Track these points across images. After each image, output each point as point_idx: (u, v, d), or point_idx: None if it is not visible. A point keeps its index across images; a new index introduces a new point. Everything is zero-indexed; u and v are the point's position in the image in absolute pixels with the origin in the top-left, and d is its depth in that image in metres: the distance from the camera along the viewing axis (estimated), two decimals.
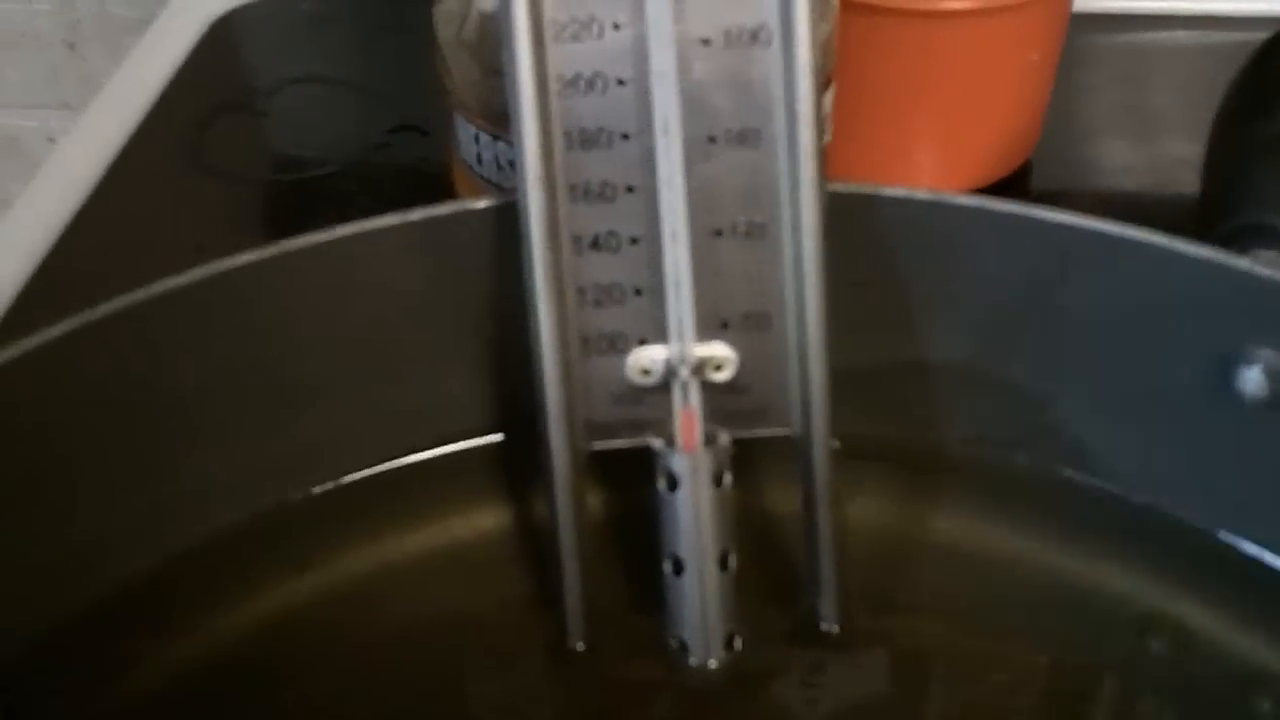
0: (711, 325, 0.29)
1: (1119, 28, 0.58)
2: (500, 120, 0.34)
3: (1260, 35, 0.56)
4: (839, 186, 0.30)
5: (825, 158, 0.29)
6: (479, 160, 0.35)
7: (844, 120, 0.40)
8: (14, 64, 0.90)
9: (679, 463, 0.29)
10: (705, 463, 0.29)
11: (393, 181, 0.49)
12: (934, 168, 0.45)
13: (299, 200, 0.49)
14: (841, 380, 0.29)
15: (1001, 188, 0.47)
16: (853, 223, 0.31)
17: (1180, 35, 0.58)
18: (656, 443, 0.29)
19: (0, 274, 0.45)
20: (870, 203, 0.31)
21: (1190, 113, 0.50)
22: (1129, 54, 0.57)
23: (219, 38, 0.60)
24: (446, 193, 0.40)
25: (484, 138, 0.35)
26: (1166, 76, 0.56)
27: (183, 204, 0.49)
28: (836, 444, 0.30)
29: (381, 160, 0.51)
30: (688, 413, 0.29)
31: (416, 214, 0.31)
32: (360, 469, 0.33)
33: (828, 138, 0.36)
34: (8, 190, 0.98)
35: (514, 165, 0.28)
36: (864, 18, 0.41)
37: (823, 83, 0.35)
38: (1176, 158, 0.50)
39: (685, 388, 0.29)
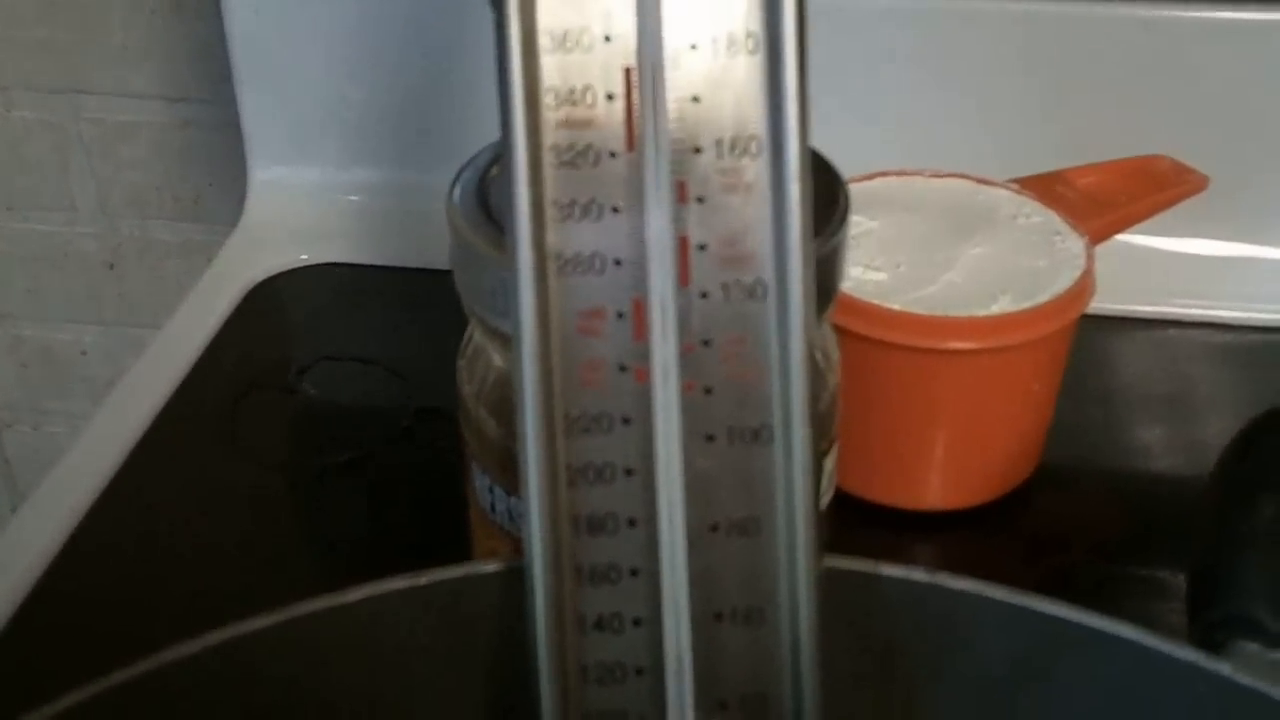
0: (710, 706, 0.30)
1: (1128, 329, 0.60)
2: (514, 478, 0.35)
3: (1262, 338, 0.58)
4: (839, 562, 0.31)
5: (823, 544, 0.30)
6: (493, 509, 0.37)
7: (850, 438, 0.41)
8: (56, 281, 0.94)
9: None
10: None
11: (413, 471, 0.51)
12: (940, 487, 0.47)
13: (322, 489, 0.50)
14: None
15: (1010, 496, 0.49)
16: (851, 596, 0.32)
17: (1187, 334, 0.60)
18: None
19: (18, 562, 0.47)
20: (868, 581, 0.32)
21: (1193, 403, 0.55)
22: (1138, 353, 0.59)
23: (258, 301, 0.62)
24: (460, 503, 0.41)
25: (498, 490, 0.36)
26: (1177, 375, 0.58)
27: (211, 488, 0.51)
28: None
29: (405, 447, 0.52)
30: None
31: (425, 577, 0.32)
32: None
33: (827, 497, 0.37)
34: (39, 401, 1.00)
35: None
36: (871, 349, 0.42)
37: (823, 451, 0.37)
38: (1195, 439, 0.53)
39: None
